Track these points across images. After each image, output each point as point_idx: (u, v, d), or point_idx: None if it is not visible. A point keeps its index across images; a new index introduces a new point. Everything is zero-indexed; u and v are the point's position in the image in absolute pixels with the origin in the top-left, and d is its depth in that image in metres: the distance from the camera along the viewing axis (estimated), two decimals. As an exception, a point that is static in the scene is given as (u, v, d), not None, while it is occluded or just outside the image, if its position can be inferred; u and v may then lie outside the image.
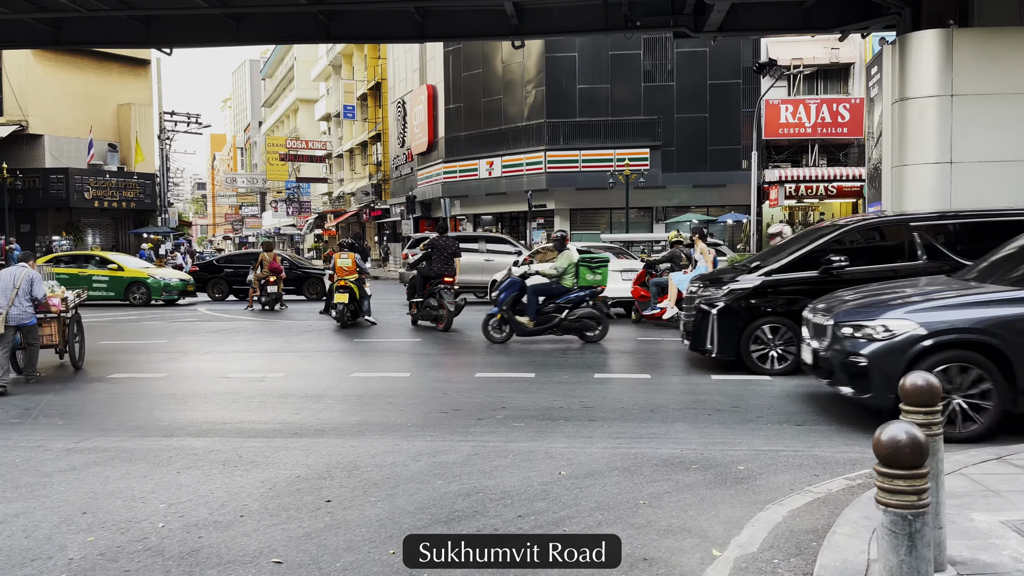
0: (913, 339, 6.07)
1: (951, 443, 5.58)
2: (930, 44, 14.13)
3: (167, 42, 18.99)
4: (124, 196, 35.19)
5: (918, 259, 8.50)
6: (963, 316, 6.18)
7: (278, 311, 17.55)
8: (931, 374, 3.49)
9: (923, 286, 7.19)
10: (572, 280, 11.53)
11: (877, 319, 6.33)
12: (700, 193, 32.35)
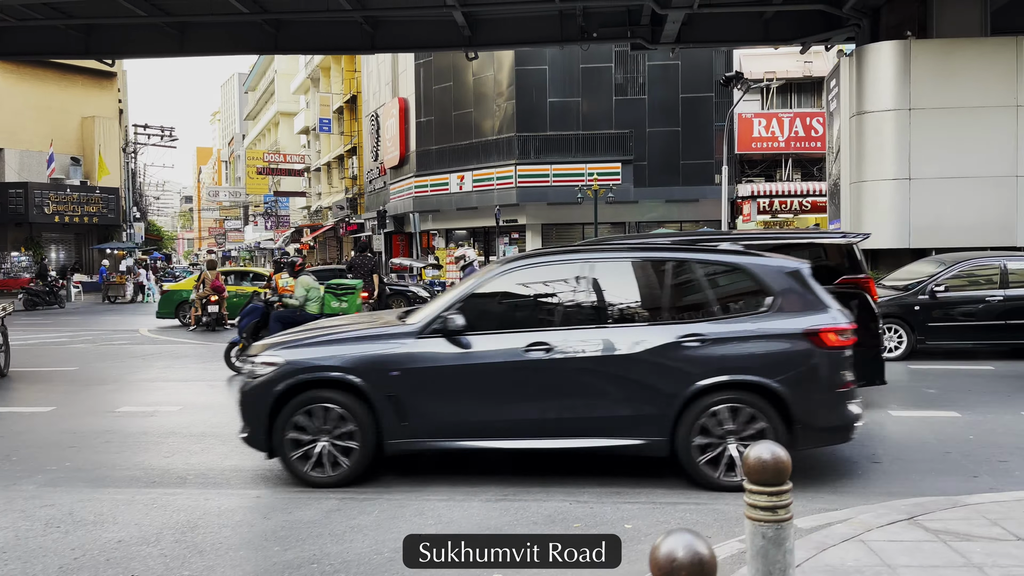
0: (275, 377, 5.66)
1: (321, 486, 5.45)
2: (887, 56, 13.66)
3: (108, 52, 18.41)
4: (86, 211, 34.42)
5: None
6: (327, 353, 5.80)
7: (218, 332, 16.84)
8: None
9: (356, 323, 6.67)
10: (317, 307, 10.79)
11: (260, 355, 5.88)
12: (673, 208, 31.84)
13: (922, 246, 13.66)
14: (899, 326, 10.86)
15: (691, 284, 5.81)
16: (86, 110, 35.94)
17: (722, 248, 6.29)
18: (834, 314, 5.54)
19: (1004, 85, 13.49)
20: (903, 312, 10.87)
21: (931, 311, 10.85)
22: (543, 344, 5.55)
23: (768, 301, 5.58)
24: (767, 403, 5.41)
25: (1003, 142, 13.50)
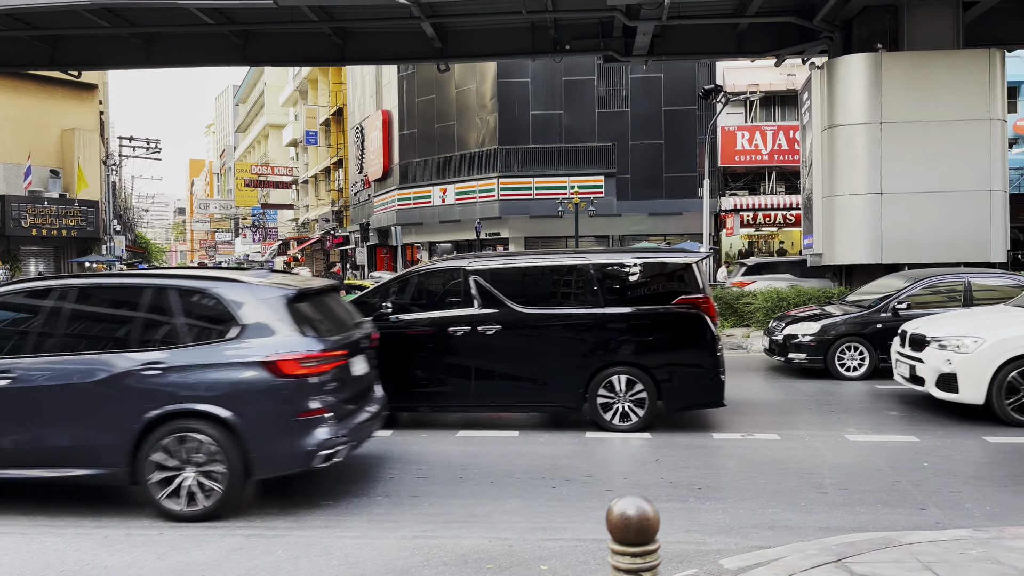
0: None
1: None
2: (858, 69, 13.45)
3: (75, 64, 18.13)
4: (64, 224, 34.01)
5: (473, 306, 7.99)
6: None
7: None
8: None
9: None
10: None
11: None
12: (656, 221, 31.61)
13: (895, 262, 13.41)
14: (861, 344, 10.64)
15: (161, 310, 5.73)
16: (66, 122, 35.59)
17: (193, 274, 6.07)
18: (299, 341, 5.48)
19: (977, 98, 13.28)
20: (865, 330, 10.64)
21: (893, 329, 10.63)
22: (6, 372, 5.50)
23: (236, 328, 5.53)
24: (222, 432, 5.37)
25: (976, 156, 13.28)
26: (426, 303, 8.34)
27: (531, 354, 7.87)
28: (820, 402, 9.44)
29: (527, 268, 8.35)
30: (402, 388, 7.85)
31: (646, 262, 8.04)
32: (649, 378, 7.67)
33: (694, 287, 7.77)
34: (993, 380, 7.62)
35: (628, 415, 7.74)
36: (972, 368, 7.79)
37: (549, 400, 7.97)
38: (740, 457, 7.09)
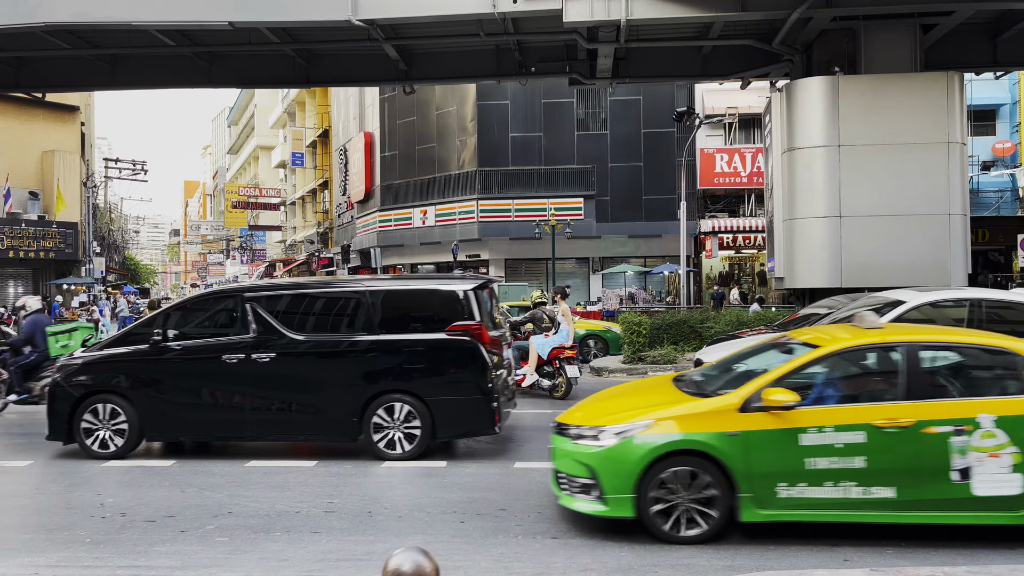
0: None
1: None
2: (816, 92, 13.39)
3: (39, 85, 18.06)
4: (43, 245, 33.82)
5: (249, 331, 7.93)
6: None
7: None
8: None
9: None
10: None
11: None
12: (636, 243, 31.51)
13: (854, 285, 13.26)
14: None
15: None
16: (47, 144, 35.52)
17: None
18: None
19: (935, 121, 13.21)
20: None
21: None
22: None
23: None
24: None
25: (935, 179, 13.19)
26: (205, 330, 8.22)
27: (306, 382, 7.79)
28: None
29: (303, 295, 8.30)
30: (176, 417, 7.83)
31: (421, 289, 8.10)
32: (423, 405, 7.63)
33: (468, 315, 7.76)
34: None
35: (402, 443, 7.67)
36: None
37: (325, 429, 7.87)
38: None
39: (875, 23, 13.69)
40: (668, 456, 5.35)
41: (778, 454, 5.28)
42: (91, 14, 13.71)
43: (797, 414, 5.31)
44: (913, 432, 5.21)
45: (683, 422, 5.43)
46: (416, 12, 13.49)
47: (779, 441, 5.29)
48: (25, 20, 13.78)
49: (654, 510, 5.33)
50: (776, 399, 5.29)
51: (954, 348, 5.69)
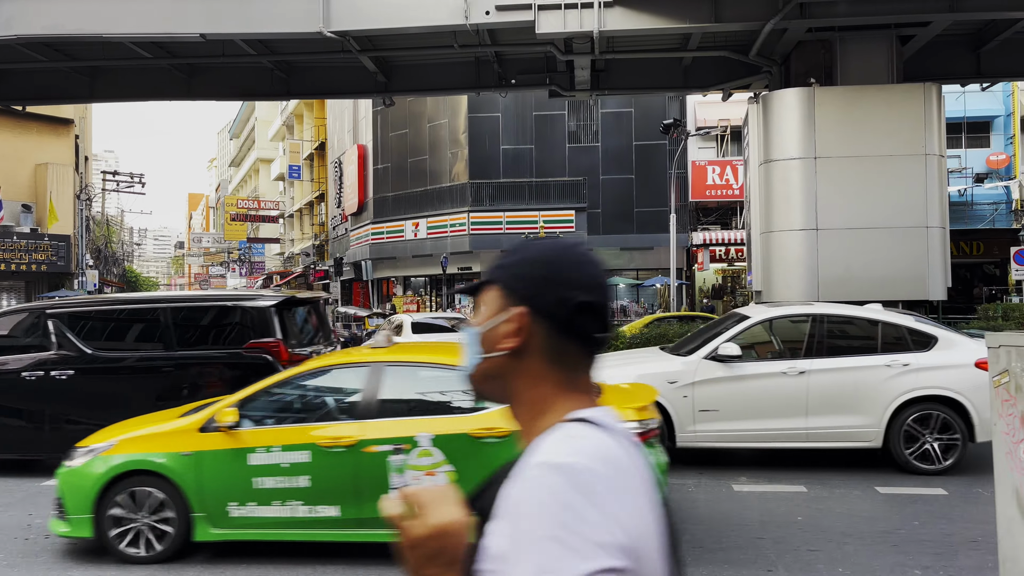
0: None
1: None
2: (792, 104, 13.25)
3: (17, 99, 18.02)
4: (35, 258, 33.81)
5: (50, 349, 7.90)
6: None
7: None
8: None
9: None
10: None
11: None
12: (628, 256, 31.35)
13: (832, 299, 12.98)
14: None
15: None
16: (40, 157, 35.57)
17: None
18: None
19: (912, 133, 13.04)
20: None
21: None
22: None
23: None
24: None
25: (912, 191, 13.00)
26: (9, 346, 8.13)
27: (104, 398, 7.70)
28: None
29: (106, 310, 8.23)
30: None
31: (221, 305, 8.05)
32: None
33: (267, 332, 7.71)
34: None
35: None
36: None
37: None
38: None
39: (851, 34, 13.55)
40: (128, 476, 5.37)
41: (228, 474, 5.30)
42: (64, 26, 13.67)
43: (246, 434, 5.34)
44: (355, 451, 5.22)
45: (146, 443, 5.46)
46: (388, 24, 13.41)
47: (229, 461, 5.31)
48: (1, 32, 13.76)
49: (113, 532, 5.33)
50: (224, 419, 5.33)
51: (416, 366, 5.75)
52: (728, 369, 7.63)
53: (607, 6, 12.95)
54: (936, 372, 7.37)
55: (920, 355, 7.49)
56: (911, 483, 7.24)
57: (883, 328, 7.70)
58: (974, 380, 7.25)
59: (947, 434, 7.40)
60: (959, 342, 7.60)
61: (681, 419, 7.61)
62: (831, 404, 7.45)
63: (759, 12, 12.74)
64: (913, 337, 7.61)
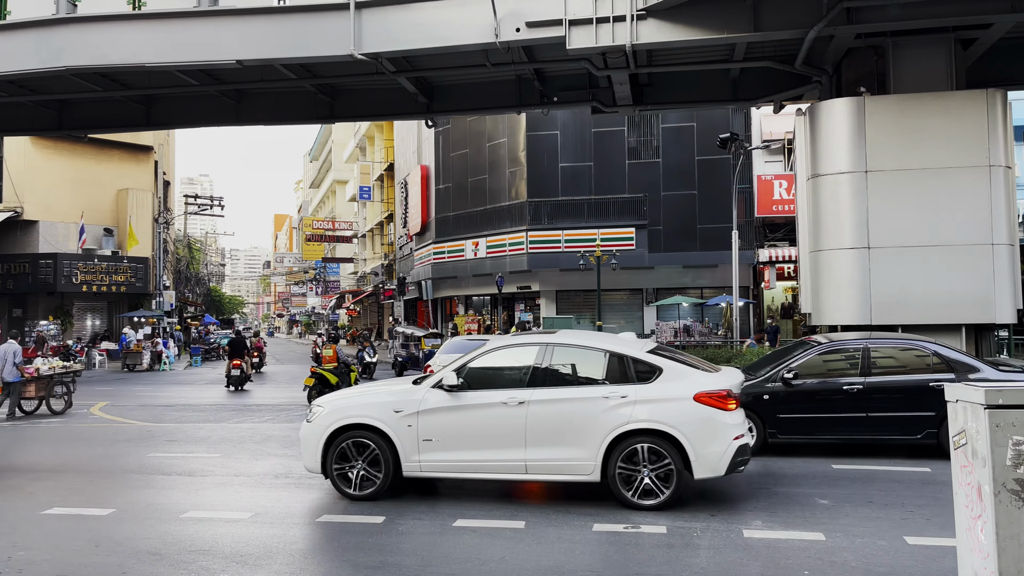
0: None
1: None
2: (840, 114, 12.48)
3: (80, 127, 18.76)
4: (115, 280, 35.28)
5: None
6: None
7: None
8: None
9: None
10: None
11: None
12: (691, 273, 30.47)
13: (886, 322, 12.15)
14: (748, 417, 9.47)
15: None
16: (121, 183, 37.19)
17: None
18: None
19: (974, 143, 12.04)
20: (752, 401, 9.62)
21: (783, 400, 9.67)
22: None
23: None
24: None
25: (975, 206, 11.99)
26: None
27: None
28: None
29: None
30: None
31: None
32: None
33: None
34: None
35: None
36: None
37: None
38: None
39: (905, 39, 12.66)
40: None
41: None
42: (109, 57, 14.10)
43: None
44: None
45: None
46: (418, 44, 13.30)
47: None
48: (50, 64, 14.30)
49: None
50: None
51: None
52: (453, 399, 7.55)
53: (640, 19, 12.50)
54: (653, 405, 7.17)
55: (640, 387, 7.28)
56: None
57: (608, 359, 7.52)
58: (689, 414, 7.08)
59: (663, 468, 7.15)
60: (685, 375, 7.34)
61: (406, 449, 7.52)
62: (549, 436, 7.27)
63: (802, 19, 12.04)
64: (637, 368, 7.40)
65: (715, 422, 7.06)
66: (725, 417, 7.09)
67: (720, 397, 7.10)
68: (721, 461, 7.06)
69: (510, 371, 7.77)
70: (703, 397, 7.08)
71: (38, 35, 14.21)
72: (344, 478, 7.72)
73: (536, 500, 7.88)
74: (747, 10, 12.17)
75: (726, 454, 7.06)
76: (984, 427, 2.47)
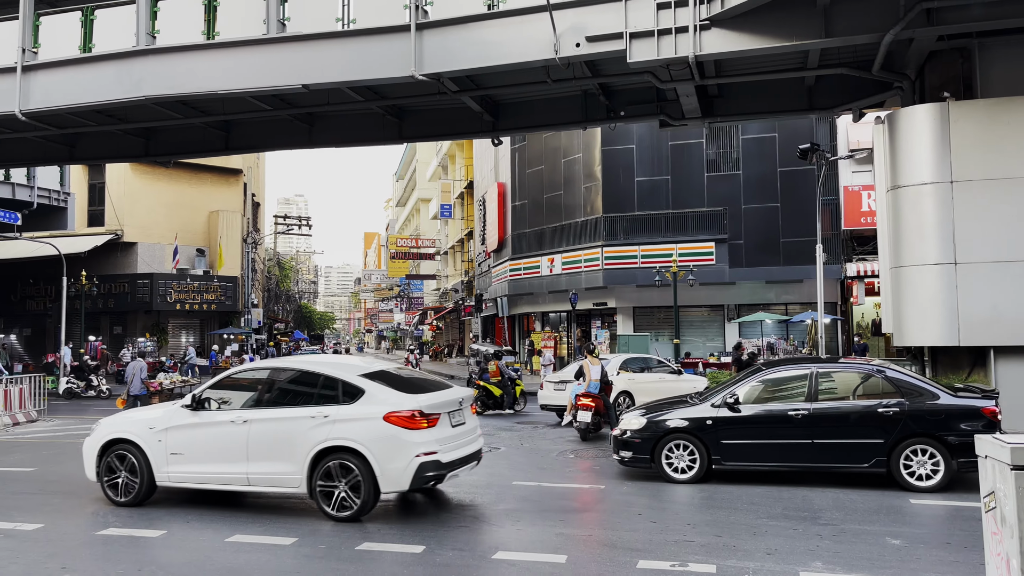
0: None
1: None
2: (922, 122, 11.75)
3: (165, 154, 19.51)
4: (205, 299, 36.71)
5: None
6: None
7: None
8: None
9: None
10: None
11: None
12: (774, 289, 29.38)
13: (975, 343, 11.25)
14: (691, 443, 9.68)
15: None
16: (212, 205, 38.77)
17: None
18: None
19: (1075, 148, 11.08)
20: (695, 427, 9.68)
21: (727, 426, 9.58)
22: None
23: None
24: None
25: (1075, 217, 11.01)
26: None
27: None
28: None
29: None
30: None
31: None
32: None
33: None
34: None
35: None
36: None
37: None
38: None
39: (993, 40, 11.78)
40: None
41: None
42: (185, 86, 14.62)
43: None
44: None
45: None
46: (478, 63, 13.24)
47: None
48: (132, 94, 14.93)
49: None
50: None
51: None
52: (194, 417, 8.60)
53: (703, 29, 12.07)
54: (347, 424, 7.89)
55: (343, 408, 8.03)
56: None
57: (323, 381, 8.36)
58: (376, 432, 7.80)
59: (355, 481, 7.87)
60: (383, 398, 8.00)
61: (157, 461, 8.63)
62: (266, 452, 8.14)
63: (877, 22, 11.37)
64: (345, 390, 8.17)
65: (399, 440, 7.73)
66: (410, 436, 7.73)
67: (408, 417, 7.78)
68: (403, 476, 7.73)
69: (241, 392, 8.74)
70: (391, 417, 7.76)
71: (120, 66, 14.87)
72: (113, 487, 8.84)
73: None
74: (817, 15, 11.59)
75: (408, 470, 7.70)
76: (1011, 490, 2.08)
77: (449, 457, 8.04)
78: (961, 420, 8.90)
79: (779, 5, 11.58)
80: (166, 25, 14.83)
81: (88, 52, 15.15)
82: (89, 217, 36.12)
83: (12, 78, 15.38)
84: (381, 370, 8.61)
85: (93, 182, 36.47)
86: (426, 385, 8.62)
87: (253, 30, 14.32)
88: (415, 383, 8.60)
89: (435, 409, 8.02)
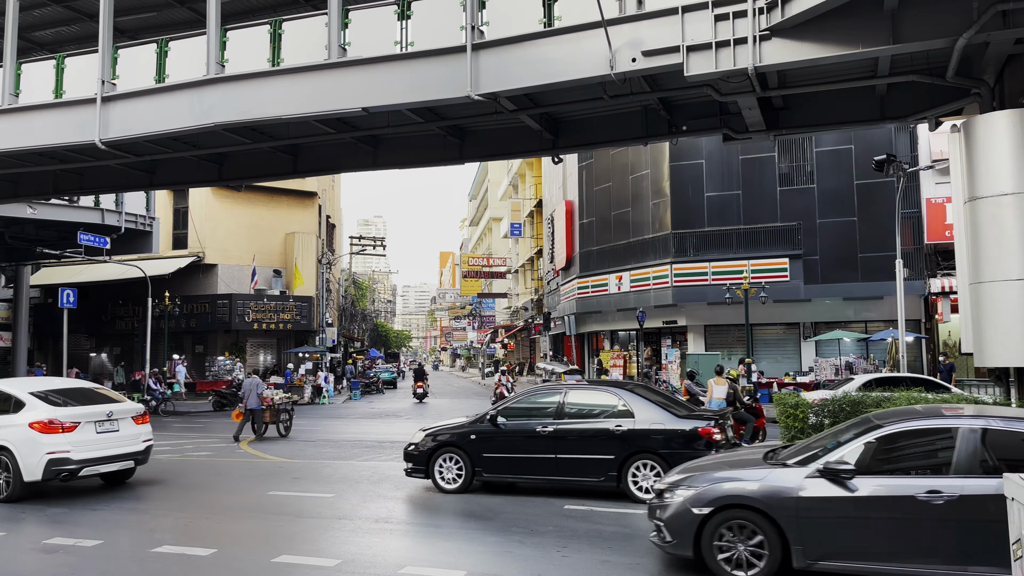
0: None
1: None
2: (1001, 129, 11.13)
3: (237, 178, 20.12)
4: (281, 318, 37.71)
5: None
6: None
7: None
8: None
9: None
10: None
11: None
12: (852, 306, 28.28)
13: (1064, 365, 10.51)
14: (458, 455, 10.67)
15: None
16: (289, 227, 39.89)
17: None
18: None
19: None
20: (460, 440, 10.70)
21: (488, 440, 10.53)
22: None
23: None
24: None
25: None
26: None
27: None
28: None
29: None
30: None
31: None
32: None
33: None
34: None
35: None
36: None
37: None
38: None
39: (1078, 40, 11.07)
40: None
41: None
42: (252, 112, 15.06)
43: None
44: None
45: None
46: (532, 82, 13.18)
47: None
48: (202, 121, 15.47)
49: None
50: None
51: None
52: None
53: (763, 39, 11.73)
54: (5, 429, 10.42)
55: (7, 417, 10.51)
56: None
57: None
58: (21, 435, 10.33)
59: None
60: (36, 409, 10.50)
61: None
62: None
63: (948, 26, 10.81)
64: (14, 403, 10.64)
65: (34, 441, 10.23)
66: (42, 438, 10.22)
67: (45, 424, 10.27)
68: (36, 470, 10.20)
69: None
70: (32, 424, 10.29)
71: (191, 95, 15.43)
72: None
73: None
74: (884, 21, 11.10)
75: (39, 465, 10.18)
76: (1037, 539, 1.82)
77: (83, 456, 10.45)
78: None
79: (842, 12, 11.15)
80: (234, 54, 15.33)
81: (162, 82, 15.78)
82: (173, 240, 37.68)
83: (92, 108, 16.15)
84: (51, 389, 11.12)
85: (177, 207, 38.07)
86: (88, 399, 11.04)
87: (315, 55, 14.67)
88: (77, 398, 11.02)
89: (74, 418, 10.47)
